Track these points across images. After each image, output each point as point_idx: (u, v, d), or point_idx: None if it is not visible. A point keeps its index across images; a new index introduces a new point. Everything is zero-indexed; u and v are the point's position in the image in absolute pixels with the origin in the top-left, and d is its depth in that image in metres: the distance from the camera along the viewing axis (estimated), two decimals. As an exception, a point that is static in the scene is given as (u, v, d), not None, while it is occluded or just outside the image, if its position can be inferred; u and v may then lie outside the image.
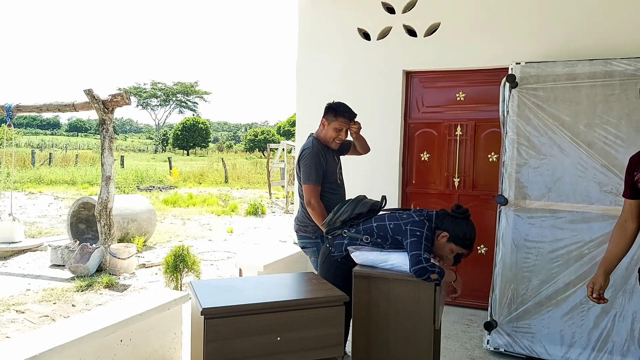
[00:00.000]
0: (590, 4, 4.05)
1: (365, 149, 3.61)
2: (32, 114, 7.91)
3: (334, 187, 3.32)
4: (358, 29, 4.91)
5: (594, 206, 3.34)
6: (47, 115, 70.41)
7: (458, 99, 4.66)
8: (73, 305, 4.90)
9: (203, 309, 1.93)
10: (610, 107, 3.33)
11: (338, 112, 3.26)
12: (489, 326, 3.61)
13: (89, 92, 6.23)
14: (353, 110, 3.33)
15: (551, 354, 3.45)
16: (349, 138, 3.49)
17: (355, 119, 3.36)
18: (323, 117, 3.32)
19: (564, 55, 3.99)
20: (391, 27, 4.77)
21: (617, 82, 3.32)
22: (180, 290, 5.03)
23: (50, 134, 63.45)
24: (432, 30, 4.63)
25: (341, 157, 3.52)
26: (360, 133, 3.48)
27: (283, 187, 14.11)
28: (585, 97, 3.40)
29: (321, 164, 3.21)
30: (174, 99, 59.68)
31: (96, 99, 6.20)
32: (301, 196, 3.29)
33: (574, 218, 3.41)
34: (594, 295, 2.28)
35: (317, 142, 3.30)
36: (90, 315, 2.92)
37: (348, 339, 2.85)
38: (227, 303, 2.00)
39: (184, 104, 60.81)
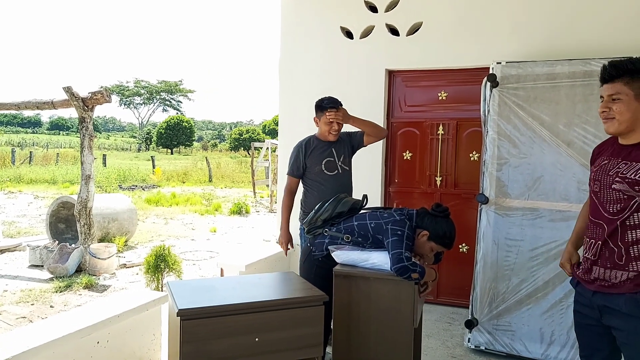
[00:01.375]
0: (570, 5, 4.08)
1: (378, 131, 3.53)
2: (11, 111, 7.77)
3: (321, 177, 3.41)
4: (341, 27, 4.90)
5: (573, 205, 3.37)
6: (28, 113, 69.16)
7: (440, 98, 4.67)
8: (51, 307, 4.82)
9: (179, 310, 1.89)
10: (589, 106, 3.36)
11: (323, 106, 3.42)
12: (470, 324, 3.63)
13: (68, 90, 6.13)
14: (337, 100, 3.46)
15: (531, 352, 3.47)
16: (354, 129, 3.58)
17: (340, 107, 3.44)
18: (315, 116, 3.48)
19: (544, 55, 4.02)
20: (374, 26, 4.77)
21: (595, 82, 3.30)
22: (161, 290, 4.97)
23: (32, 132, 62.37)
24: (414, 30, 4.63)
25: (362, 148, 3.61)
26: (353, 129, 3.56)
27: (267, 186, 14.05)
28: (565, 97, 3.43)
29: (298, 157, 3.43)
30: (157, 97, 59.18)
31: (75, 97, 6.11)
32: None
33: (553, 217, 3.44)
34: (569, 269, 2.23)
35: (309, 137, 3.49)
36: (66, 316, 2.85)
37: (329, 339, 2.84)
38: (204, 304, 1.96)
39: (168, 103, 60.34)
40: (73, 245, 6.24)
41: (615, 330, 1.98)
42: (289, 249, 3.60)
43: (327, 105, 3.39)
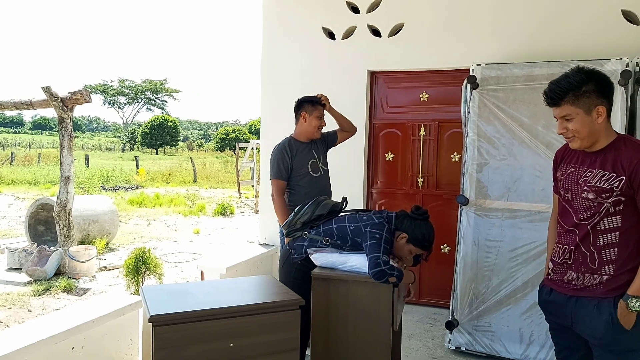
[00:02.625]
0: (549, 8, 4.11)
1: (351, 126, 3.72)
2: (-11, 111, 7.64)
3: (307, 180, 3.37)
4: (323, 28, 4.88)
5: (551, 206, 3.38)
6: (10, 113, 67.96)
7: (422, 99, 4.68)
8: (29, 311, 4.74)
9: (151, 316, 1.86)
10: (567, 108, 3.37)
11: (315, 101, 3.44)
12: (450, 325, 3.64)
13: (47, 90, 6.04)
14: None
15: (511, 352, 3.49)
16: (326, 129, 3.59)
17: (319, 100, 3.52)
18: (301, 112, 3.43)
19: (523, 57, 4.04)
20: (356, 27, 4.76)
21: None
22: (142, 293, 4.91)
23: (14, 132, 61.44)
24: (396, 31, 4.64)
25: (333, 147, 3.67)
26: (324, 130, 3.56)
27: (253, 186, 13.98)
28: (544, 99, 3.44)
29: (284, 159, 3.33)
30: (142, 96, 58.61)
31: (54, 97, 6.02)
32: None
33: (532, 218, 3.46)
34: None
35: (287, 140, 3.43)
36: (40, 321, 2.80)
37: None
38: (177, 309, 1.93)
39: (153, 102, 59.77)
40: (52, 247, 6.15)
41: (583, 334, 2.00)
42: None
43: (319, 101, 3.44)
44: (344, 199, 3.01)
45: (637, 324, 1.87)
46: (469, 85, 3.63)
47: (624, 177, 1.87)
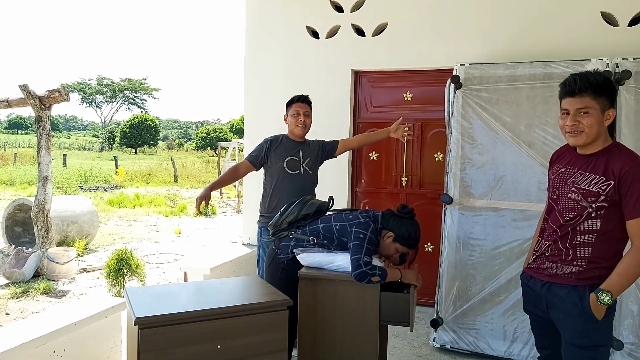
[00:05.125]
0: (532, 10, 4.17)
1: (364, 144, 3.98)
2: (-38, 110, 7.42)
3: (282, 174, 3.37)
4: (306, 27, 4.86)
5: (534, 204, 3.44)
6: (-17, 112, 66.42)
7: (405, 99, 4.70)
8: (7, 314, 4.62)
9: (137, 318, 1.83)
10: (549, 108, 3.43)
11: (289, 101, 3.50)
12: (435, 323, 3.66)
13: (24, 88, 5.91)
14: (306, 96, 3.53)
15: (495, 350, 3.52)
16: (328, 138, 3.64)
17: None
18: (285, 113, 3.50)
19: (506, 57, 4.09)
20: (340, 26, 4.76)
21: (555, 83, 3.38)
22: (123, 296, 4.83)
23: (-13, 132, 60.03)
24: (380, 30, 4.65)
25: (331, 158, 3.64)
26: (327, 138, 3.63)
27: (235, 186, 13.88)
28: (526, 98, 3.49)
29: (262, 149, 3.45)
30: (121, 95, 57.84)
31: (32, 95, 5.89)
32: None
33: (515, 216, 3.50)
34: None
35: (280, 135, 3.51)
36: (21, 324, 2.74)
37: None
38: (163, 311, 1.90)
39: (132, 101, 59.05)
40: (30, 249, 6.01)
41: (556, 321, 2.08)
42: (207, 209, 3.51)
43: (293, 99, 3.46)
44: (331, 198, 3.00)
45: (607, 318, 1.96)
46: (452, 85, 3.66)
47: (613, 182, 1.92)
